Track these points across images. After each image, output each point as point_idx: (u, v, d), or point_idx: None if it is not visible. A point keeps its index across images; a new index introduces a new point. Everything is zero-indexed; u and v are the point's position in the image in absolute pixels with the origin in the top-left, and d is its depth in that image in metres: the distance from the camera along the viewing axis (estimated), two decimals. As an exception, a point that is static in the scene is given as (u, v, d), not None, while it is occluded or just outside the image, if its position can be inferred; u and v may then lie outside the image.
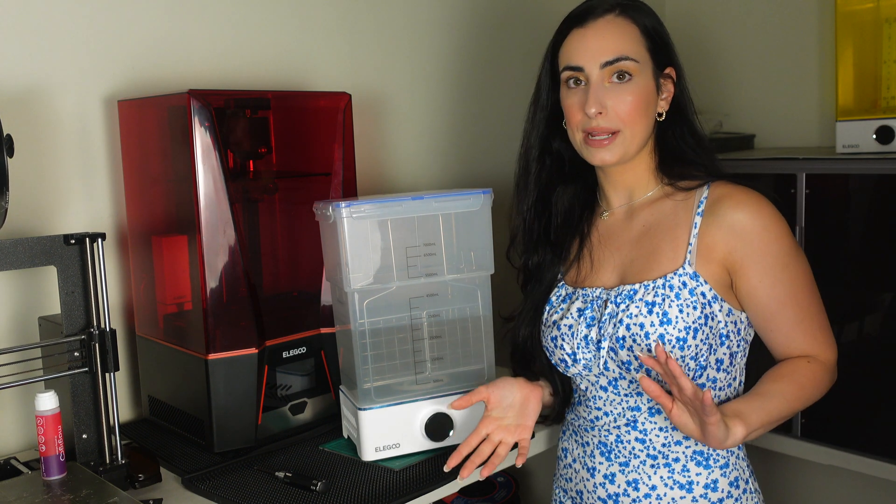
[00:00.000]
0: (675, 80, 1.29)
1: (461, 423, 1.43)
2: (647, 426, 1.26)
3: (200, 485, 1.34)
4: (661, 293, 1.22)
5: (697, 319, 1.21)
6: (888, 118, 1.60)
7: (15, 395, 1.50)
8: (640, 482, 1.27)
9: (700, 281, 1.22)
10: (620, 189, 1.33)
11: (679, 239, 1.25)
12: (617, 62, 1.23)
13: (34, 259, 1.29)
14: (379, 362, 1.41)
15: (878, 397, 1.62)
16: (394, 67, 2.05)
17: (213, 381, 1.42)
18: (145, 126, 1.57)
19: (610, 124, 1.24)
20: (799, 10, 2.02)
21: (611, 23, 1.25)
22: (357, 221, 1.37)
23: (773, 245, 1.21)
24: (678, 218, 1.27)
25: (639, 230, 1.30)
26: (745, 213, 1.21)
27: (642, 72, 1.24)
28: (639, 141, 1.26)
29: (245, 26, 1.79)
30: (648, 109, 1.26)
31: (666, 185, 1.30)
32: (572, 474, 1.38)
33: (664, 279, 1.23)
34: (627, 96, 1.23)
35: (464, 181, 2.21)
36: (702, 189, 1.27)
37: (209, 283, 1.42)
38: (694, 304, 1.21)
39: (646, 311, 1.22)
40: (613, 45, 1.23)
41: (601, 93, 1.23)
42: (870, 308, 1.65)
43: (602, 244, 1.34)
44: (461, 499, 2.08)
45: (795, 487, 2.07)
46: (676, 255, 1.24)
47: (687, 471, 1.25)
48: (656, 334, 1.20)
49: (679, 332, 1.20)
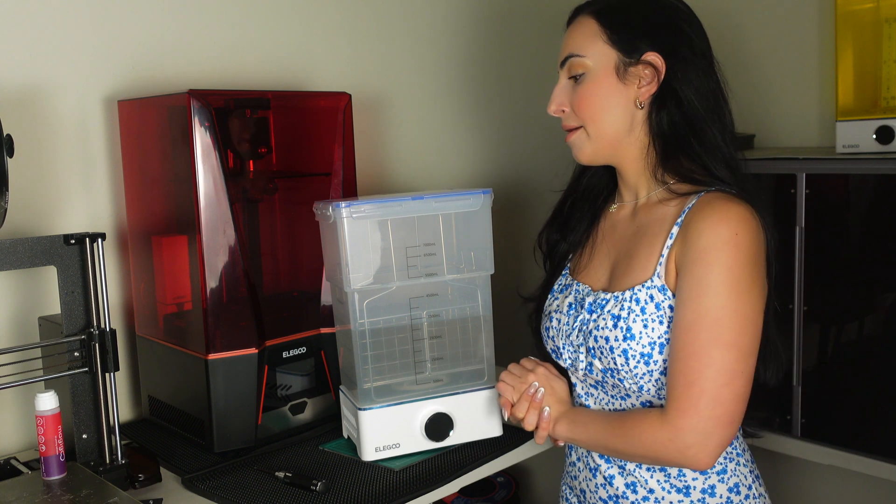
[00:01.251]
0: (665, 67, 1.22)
1: (461, 423, 1.43)
2: None
3: (200, 485, 1.34)
4: (626, 306, 1.20)
5: (664, 334, 1.18)
6: (888, 118, 1.59)
7: (15, 395, 1.50)
8: (639, 485, 1.26)
9: (668, 294, 1.19)
10: (629, 187, 1.32)
11: (654, 247, 1.22)
12: (566, 60, 1.28)
13: (34, 259, 1.29)
14: (379, 362, 1.41)
15: (878, 397, 1.62)
16: (394, 67, 2.05)
17: (213, 381, 1.42)
18: (145, 126, 1.57)
19: (568, 122, 1.29)
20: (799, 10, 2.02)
21: (576, 24, 1.29)
22: (357, 221, 1.37)
23: (702, 268, 1.13)
24: (662, 226, 1.22)
25: (632, 232, 1.29)
26: (704, 224, 1.15)
27: (596, 66, 1.24)
28: (606, 136, 1.25)
29: (245, 26, 1.79)
30: (608, 101, 1.24)
31: (664, 189, 1.26)
32: (576, 472, 1.37)
33: (632, 291, 1.21)
34: (580, 92, 1.26)
35: (464, 181, 2.21)
36: (692, 198, 1.21)
37: (209, 283, 1.42)
38: (660, 318, 1.18)
39: (611, 325, 1.21)
40: (568, 46, 1.28)
41: (560, 92, 1.29)
42: (870, 308, 1.65)
43: (604, 238, 1.33)
44: (461, 499, 2.08)
45: (795, 487, 2.07)
46: (648, 266, 1.21)
47: (683, 475, 1.24)
48: (620, 349, 1.19)
49: (643, 348, 1.18)
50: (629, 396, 1.25)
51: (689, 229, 1.17)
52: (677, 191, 1.24)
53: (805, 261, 1.67)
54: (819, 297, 1.66)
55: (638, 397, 1.24)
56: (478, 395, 1.44)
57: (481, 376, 1.46)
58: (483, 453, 1.43)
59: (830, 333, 1.70)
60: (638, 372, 1.20)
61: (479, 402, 1.44)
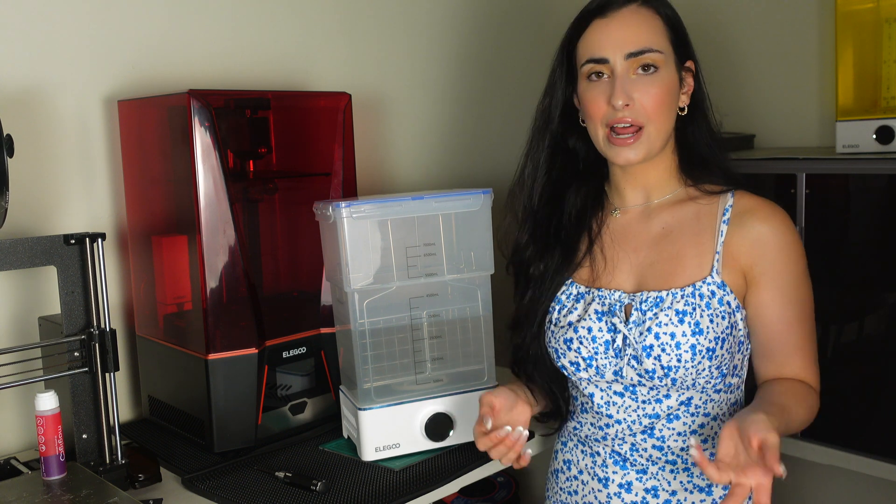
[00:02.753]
0: (695, 73, 1.27)
1: (461, 423, 1.43)
2: (665, 432, 1.24)
3: (200, 485, 1.34)
4: (691, 302, 1.19)
5: (725, 329, 1.19)
6: (888, 118, 1.59)
7: (15, 395, 1.50)
8: (660, 488, 1.24)
9: (727, 290, 1.21)
10: (639, 188, 1.30)
11: (704, 245, 1.23)
12: (643, 53, 1.20)
13: (34, 259, 1.29)
14: (379, 362, 1.41)
15: (878, 397, 1.62)
16: (394, 67, 2.05)
17: (213, 381, 1.42)
18: (145, 126, 1.57)
19: (636, 117, 1.20)
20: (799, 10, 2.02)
21: (635, 13, 1.22)
22: (357, 221, 1.37)
23: (791, 265, 1.21)
24: (702, 223, 1.24)
25: (658, 232, 1.27)
26: (772, 229, 1.21)
27: (667, 64, 1.22)
28: (663, 137, 1.24)
29: (245, 26, 1.79)
30: (672, 103, 1.24)
31: (689, 187, 1.28)
32: (578, 486, 1.33)
33: (693, 287, 1.21)
34: (653, 88, 1.20)
35: (464, 181, 2.21)
36: (726, 196, 1.25)
37: (209, 283, 1.42)
38: (723, 313, 1.20)
39: (676, 321, 1.19)
40: (639, 36, 1.21)
41: (628, 84, 1.20)
42: (870, 308, 1.65)
43: (615, 243, 1.30)
44: (461, 499, 2.08)
45: (795, 487, 2.07)
46: (703, 263, 1.22)
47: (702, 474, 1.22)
48: (688, 344, 1.18)
49: (710, 343, 1.18)
50: (669, 396, 1.23)
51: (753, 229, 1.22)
52: (705, 190, 1.27)
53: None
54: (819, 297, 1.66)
55: (679, 396, 1.22)
56: (478, 396, 1.44)
57: (481, 376, 1.46)
58: (483, 453, 1.43)
59: (830, 333, 1.70)
60: (700, 367, 1.18)
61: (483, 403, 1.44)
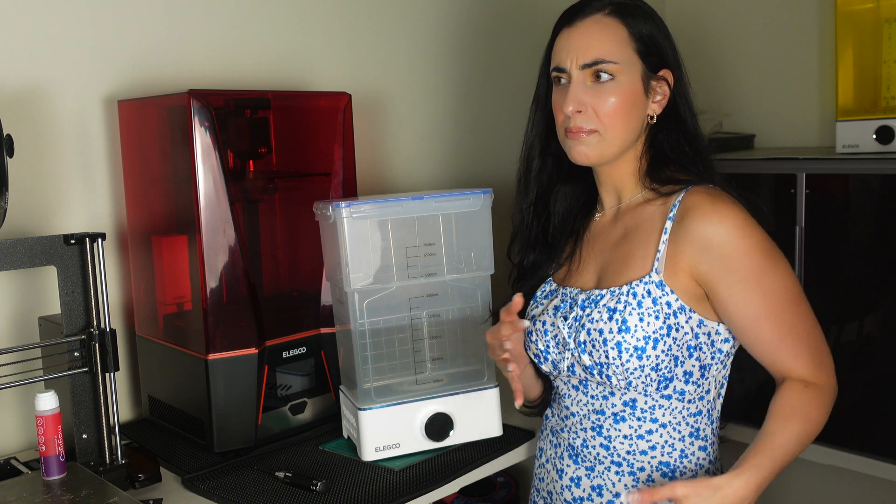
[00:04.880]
0: (673, 83, 1.27)
1: (461, 423, 1.43)
2: (612, 433, 1.25)
3: (200, 485, 1.34)
4: (623, 300, 1.20)
5: (659, 329, 1.18)
6: (888, 118, 1.59)
7: (15, 395, 1.50)
8: (605, 488, 1.25)
9: (666, 290, 1.19)
10: (610, 190, 1.32)
11: (650, 245, 1.23)
12: (594, 65, 1.22)
13: (34, 259, 1.29)
14: (379, 362, 1.41)
15: (878, 397, 1.62)
16: (394, 67, 2.05)
17: (213, 381, 1.42)
18: (145, 126, 1.57)
19: (588, 124, 1.22)
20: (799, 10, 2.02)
21: (597, 23, 1.23)
22: (357, 221, 1.37)
23: (742, 261, 1.17)
24: (654, 224, 1.24)
25: (619, 234, 1.29)
26: (712, 226, 1.17)
27: (625, 73, 1.22)
28: (619, 143, 1.24)
29: (245, 26, 1.79)
30: (632, 112, 1.24)
31: (649, 190, 1.28)
32: (545, 474, 1.37)
33: (629, 286, 1.21)
34: (608, 96, 1.22)
35: (464, 181, 2.21)
36: (678, 194, 1.23)
37: (209, 283, 1.42)
38: (657, 313, 1.19)
39: (606, 317, 1.20)
40: (594, 47, 1.22)
41: (580, 91, 1.22)
42: (870, 308, 1.65)
43: (590, 245, 1.32)
44: (461, 499, 2.08)
45: (795, 487, 2.07)
46: (645, 263, 1.22)
47: (652, 481, 1.23)
48: (614, 341, 1.19)
49: (637, 342, 1.18)
50: (613, 394, 1.24)
51: (691, 229, 1.18)
52: (661, 191, 1.26)
53: (805, 261, 1.67)
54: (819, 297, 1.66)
55: (622, 395, 1.23)
56: (478, 395, 1.44)
57: (481, 376, 1.46)
58: (483, 453, 1.43)
59: (830, 333, 1.70)
60: (629, 366, 1.19)
61: (479, 402, 1.44)
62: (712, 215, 1.18)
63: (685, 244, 1.19)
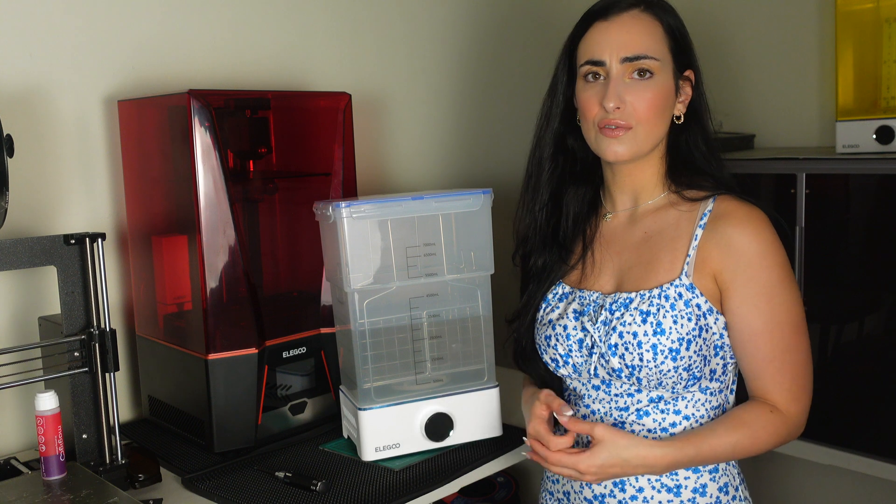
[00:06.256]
0: (694, 83, 1.28)
1: (461, 423, 1.43)
2: (636, 427, 1.25)
3: (200, 485, 1.34)
4: (656, 303, 1.21)
5: (692, 331, 1.20)
6: (888, 118, 1.59)
7: (15, 395, 1.50)
8: (627, 483, 1.26)
9: (696, 293, 1.21)
10: (627, 191, 1.31)
11: (678, 250, 1.24)
12: (638, 59, 1.21)
13: (34, 259, 1.29)
14: (379, 362, 1.41)
15: (878, 397, 1.62)
16: (394, 67, 2.05)
17: (213, 381, 1.42)
18: (145, 126, 1.57)
19: (626, 120, 1.22)
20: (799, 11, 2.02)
21: (635, 18, 1.23)
22: (357, 221, 1.37)
23: (762, 273, 1.19)
24: (680, 229, 1.25)
25: (640, 237, 1.29)
26: (744, 233, 1.20)
27: (663, 71, 1.23)
28: (653, 140, 1.25)
29: (245, 26, 1.79)
30: (666, 110, 1.24)
31: (672, 194, 1.29)
32: (557, 476, 1.36)
33: (660, 289, 1.22)
34: (647, 93, 1.21)
35: (464, 181, 2.21)
36: (707, 202, 1.24)
37: (209, 283, 1.42)
38: (689, 315, 1.20)
39: (640, 320, 1.21)
40: (636, 41, 1.22)
41: (620, 87, 1.21)
42: (870, 308, 1.65)
43: (603, 247, 1.32)
44: (461, 499, 2.08)
45: (795, 487, 2.07)
46: (674, 266, 1.23)
47: (675, 474, 1.24)
48: (649, 343, 1.20)
49: (672, 343, 1.19)
50: (640, 391, 1.25)
51: (724, 234, 1.21)
52: (687, 196, 1.27)
53: (805, 261, 1.67)
54: (819, 296, 1.66)
55: (649, 393, 1.24)
56: (478, 395, 1.44)
57: (481, 376, 1.46)
58: (483, 453, 1.43)
59: (830, 333, 1.70)
60: (664, 367, 1.20)
61: (479, 402, 1.44)
62: (747, 225, 1.20)
63: (715, 248, 1.21)
